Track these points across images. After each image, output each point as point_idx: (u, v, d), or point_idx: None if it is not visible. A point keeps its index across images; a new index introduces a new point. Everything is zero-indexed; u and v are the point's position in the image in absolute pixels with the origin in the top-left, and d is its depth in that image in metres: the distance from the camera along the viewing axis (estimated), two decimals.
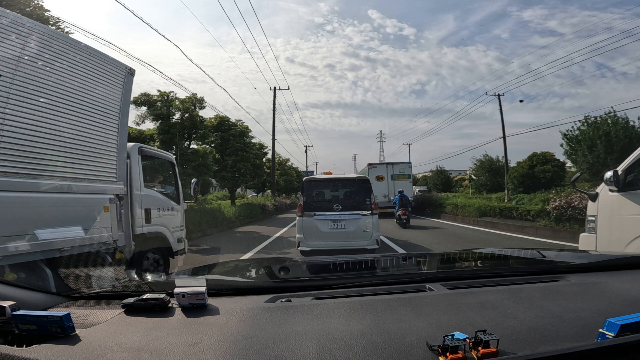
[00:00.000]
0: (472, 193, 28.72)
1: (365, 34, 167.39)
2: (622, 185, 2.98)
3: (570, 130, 19.60)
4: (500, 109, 23.77)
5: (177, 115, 12.57)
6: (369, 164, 18.05)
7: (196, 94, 13.12)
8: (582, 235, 3.43)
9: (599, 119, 18.42)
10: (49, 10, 8.33)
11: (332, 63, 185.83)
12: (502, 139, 23.42)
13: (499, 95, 24.07)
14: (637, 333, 0.63)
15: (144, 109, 12.07)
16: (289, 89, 24.34)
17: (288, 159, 36.66)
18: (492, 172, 28.79)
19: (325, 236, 6.06)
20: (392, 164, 17.70)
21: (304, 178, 7.52)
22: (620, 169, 3.04)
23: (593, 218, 3.26)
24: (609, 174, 3.05)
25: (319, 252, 5.97)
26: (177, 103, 12.43)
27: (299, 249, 6.17)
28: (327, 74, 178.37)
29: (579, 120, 19.27)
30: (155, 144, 11.50)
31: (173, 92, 12.62)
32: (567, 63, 53.41)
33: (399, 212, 11.87)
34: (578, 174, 4.26)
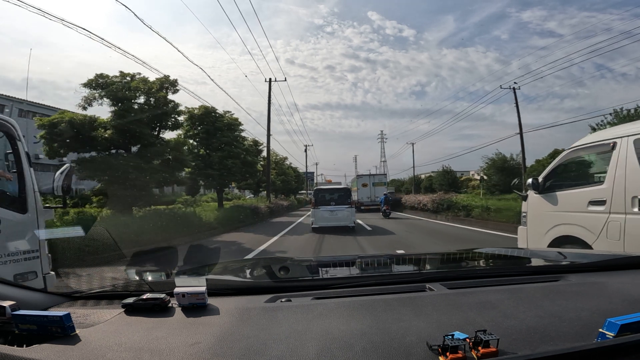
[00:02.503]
0: (482, 194, 28.19)
1: (365, 36, 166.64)
2: (542, 189, 3.80)
3: (600, 125, 19.20)
4: (516, 102, 22.98)
5: (142, 99, 10.19)
6: (357, 175, 25.56)
7: (169, 76, 10.74)
8: (519, 227, 4.27)
9: (632, 111, 18.02)
10: None
11: (332, 64, 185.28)
12: (518, 135, 22.79)
13: (514, 88, 23.18)
14: (637, 333, 0.63)
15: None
16: (285, 80, 23.31)
17: (286, 158, 35.69)
18: (505, 172, 27.70)
19: (326, 219, 11.20)
20: (374, 175, 26.41)
21: (314, 188, 14.31)
22: (540, 177, 3.86)
23: (525, 214, 4.10)
24: (530, 180, 3.91)
25: (323, 228, 10.95)
26: (138, 83, 9.90)
27: (312, 226, 11.28)
28: (327, 75, 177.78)
29: (610, 114, 18.98)
30: (108, 131, 9.30)
31: (140, 73, 10.35)
32: (566, 64, 53.27)
33: (384, 208, 17.19)
34: (516, 180, 4.70)
